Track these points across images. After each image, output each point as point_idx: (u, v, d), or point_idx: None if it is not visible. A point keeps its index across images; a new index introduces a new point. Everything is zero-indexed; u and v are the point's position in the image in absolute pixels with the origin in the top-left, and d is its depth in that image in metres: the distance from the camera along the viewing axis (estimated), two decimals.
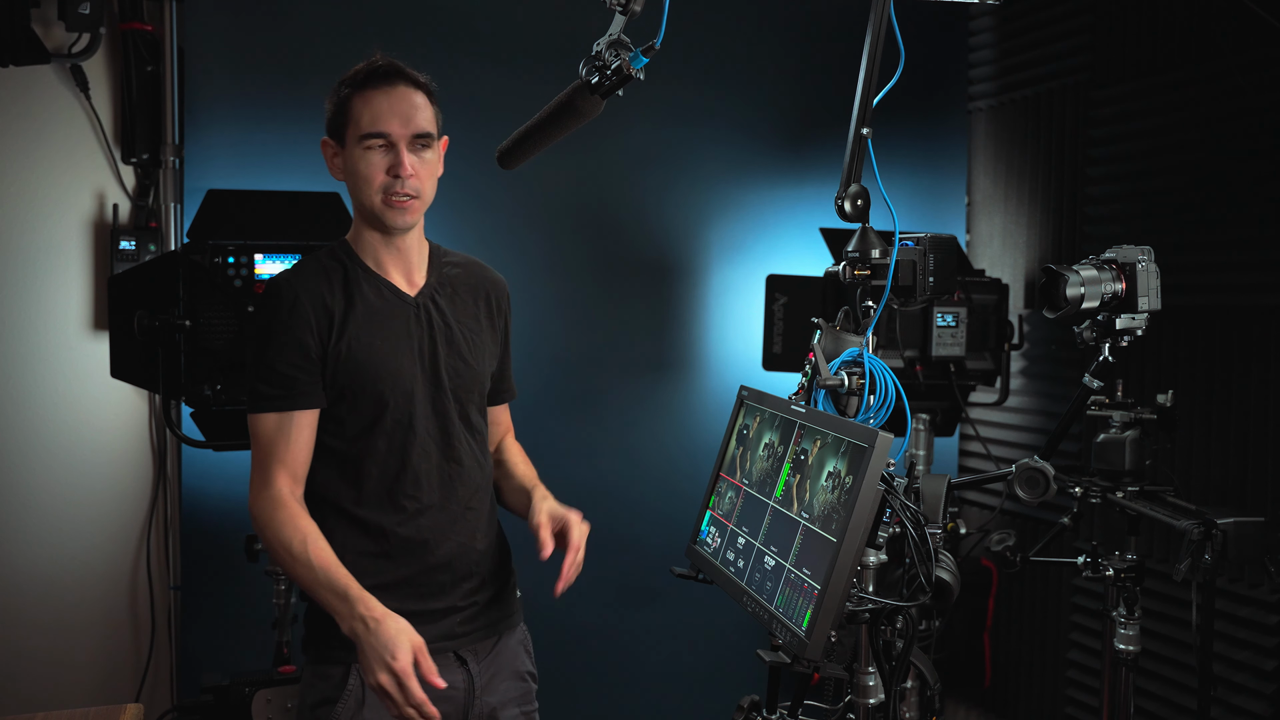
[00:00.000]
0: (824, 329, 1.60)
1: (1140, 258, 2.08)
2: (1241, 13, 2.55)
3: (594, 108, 1.49)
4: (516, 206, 3.17)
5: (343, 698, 1.63)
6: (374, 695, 1.60)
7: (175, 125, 2.93)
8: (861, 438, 1.32)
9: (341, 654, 1.63)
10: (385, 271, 1.70)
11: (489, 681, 1.74)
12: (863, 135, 1.58)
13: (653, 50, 1.41)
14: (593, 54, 1.43)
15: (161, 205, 2.96)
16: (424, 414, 1.68)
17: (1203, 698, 2.06)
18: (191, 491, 2.94)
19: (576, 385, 3.27)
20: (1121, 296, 2.08)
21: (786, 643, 1.33)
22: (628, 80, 1.43)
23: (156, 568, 3.00)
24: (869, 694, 1.48)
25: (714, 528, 1.66)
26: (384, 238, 1.69)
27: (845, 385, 1.53)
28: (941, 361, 2.96)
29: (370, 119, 1.62)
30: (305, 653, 1.70)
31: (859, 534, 1.28)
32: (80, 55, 2.85)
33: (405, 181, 1.63)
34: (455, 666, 1.71)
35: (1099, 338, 2.15)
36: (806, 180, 3.50)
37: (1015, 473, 2.17)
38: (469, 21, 3.11)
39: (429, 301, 1.72)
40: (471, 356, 1.74)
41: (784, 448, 1.51)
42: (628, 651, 3.33)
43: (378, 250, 1.70)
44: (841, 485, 1.33)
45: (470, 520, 1.73)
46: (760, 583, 1.45)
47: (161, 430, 2.98)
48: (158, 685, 3.01)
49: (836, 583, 1.27)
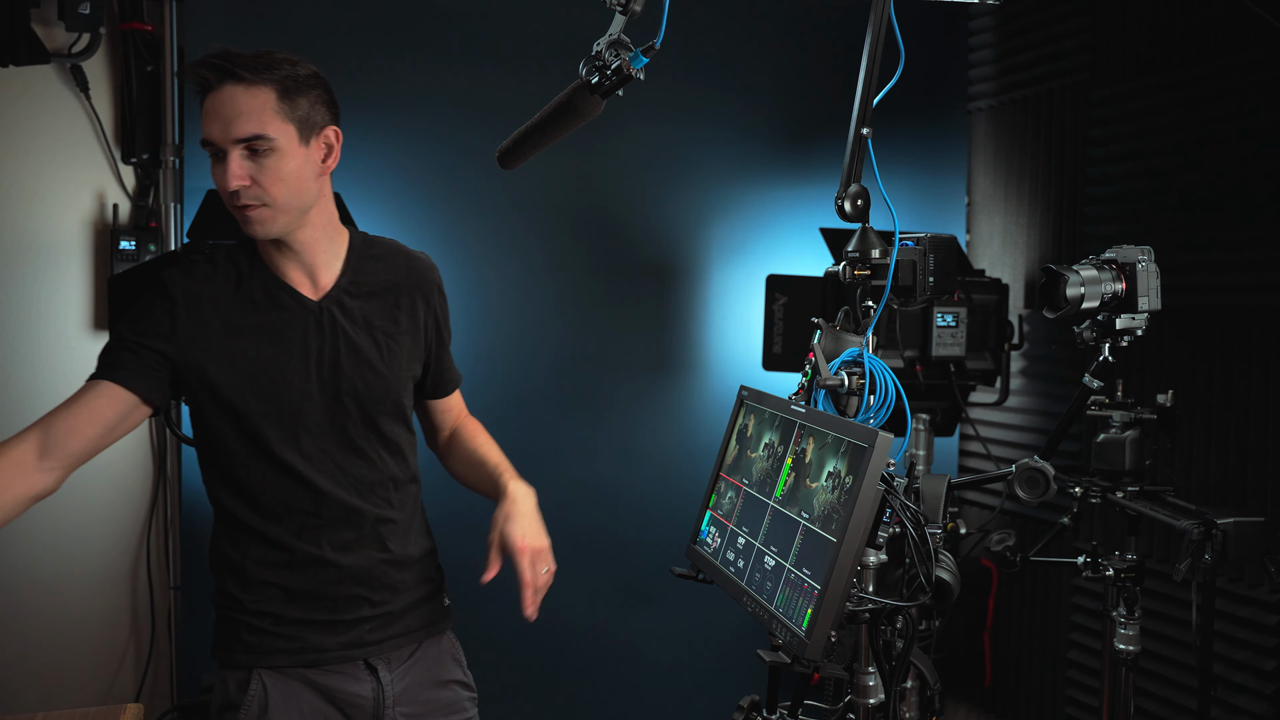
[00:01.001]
0: (824, 329, 1.60)
1: (1140, 258, 2.08)
2: (1241, 13, 2.55)
3: (594, 108, 1.48)
4: (516, 206, 3.17)
5: (245, 704, 1.59)
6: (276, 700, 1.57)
7: (175, 125, 2.93)
8: (861, 438, 1.32)
9: (244, 659, 1.59)
10: (284, 274, 1.59)
11: (404, 690, 1.67)
12: (863, 135, 1.58)
13: (653, 50, 1.41)
14: (593, 54, 1.43)
15: (161, 205, 2.96)
16: (318, 428, 1.58)
17: (1203, 698, 2.06)
18: (191, 491, 2.94)
19: (576, 385, 3.27)
20: (1121, 296, 2.09)
21: (787, 643, 1.33)
22: (628, 80, 1.43)
23: (156, 568, 3.00)
24: (869, 694, 1.49)
25: (714, 528, 1.66)
26: (274, 243, 1.58)
27: (845, 385, 1.53)
28: (941, 361, 2.96)
29: (203, 128, 1.49)
30: (213, 658, 1.65)
31: (859, 534, 1.28)
32: (80, 55, 2.85)
33: (239, 192, 1.49)
34: (364, 675, 1.64)
35: (1099, 338, 2.15)
36: (806, 180, 3.50)
37: (1015, 473, 2.17)
38: (468, 22, 3.11)
39: (334, 306, 1.60)
40: (384, 364, 1.63)
41: (784, 448, 1.51)
42: (627, 651, 3.33)
43: (271, 253, 1.59)
44: (841, 485, 1.33)
45: (383, 532, 1.65)
46: (760, 583, 1.45)
47: (161, 430, 2.98)
48: (158, 685, 3.01)
49: (836, 583, 1.28)
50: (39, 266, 2.89)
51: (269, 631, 1.60)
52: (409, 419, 1.72)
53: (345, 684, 1.63)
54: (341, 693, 1.63)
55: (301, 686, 1.62)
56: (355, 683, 1.63)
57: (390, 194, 2.92)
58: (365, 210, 2.72)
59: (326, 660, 1.61)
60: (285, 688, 1.61)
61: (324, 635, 1.61)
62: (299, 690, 1.61)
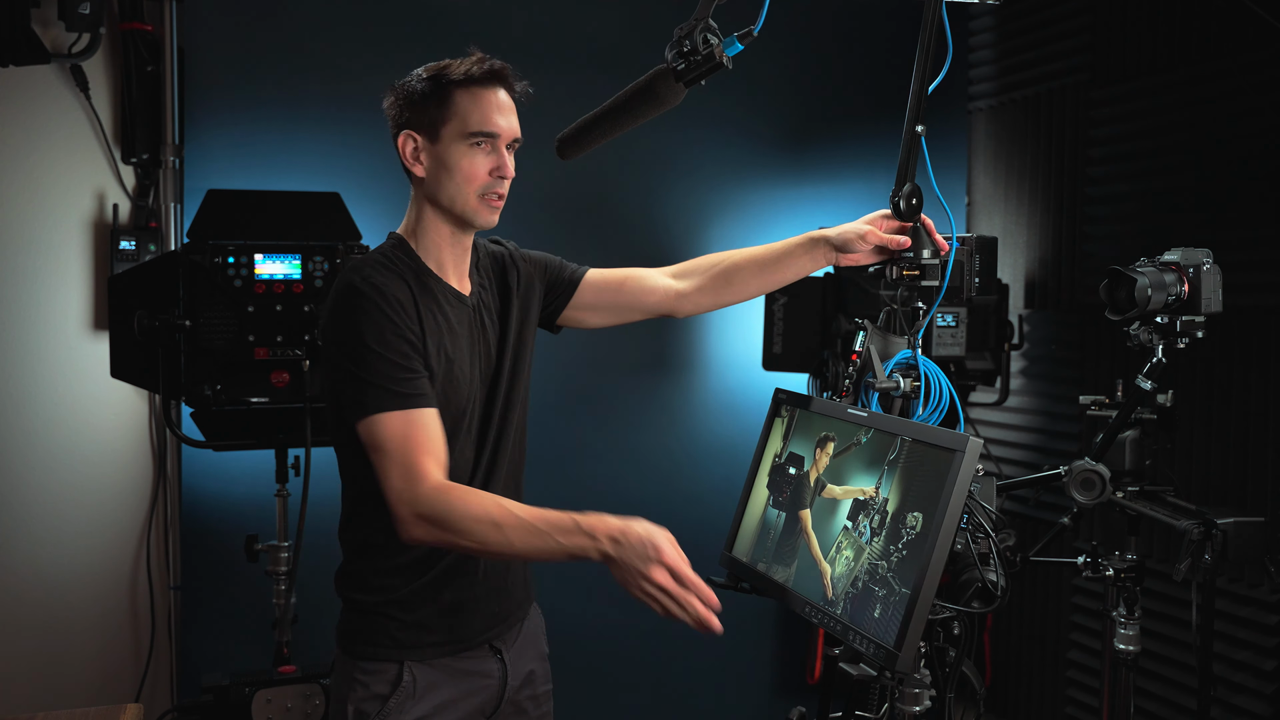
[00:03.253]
0: (870, 330, 1.56)
1: (1204, 260, 2.05)
2: (1241, 13, 2.55)
3: (675, 96, 1.41)
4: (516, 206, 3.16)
5: (396, 694, 1.61)
6: (423, 689, 1.61)
7: (175, 125, 2.93)
8: (948, 442, 1.28)
9: (394, 651, 1.62)
10: (445, 273, 1.66)
11: (519, 666, 1.75)
12: (917, 133, 1.53)
13: (750, 37, 1.35)
14: (677, 38, 1.35)
15: (161, 205, 2.96)
16: (477, 416, 1.66)
17: (1203, 698, 2.06)
18: (191, 491, 2.94)
19: (576, 385, 3.27)
20: (1184, 299, 2.07)
21: (872, 654, 1.28)
22: (717, 69, 1.35)
23: (156, 568, 3.00)
24: (917, 700, 1.45)
25: (757, 536, 1.60)
26: (454, 235, 1.66)
27: (900, 388, 1.50)
28: (941, 361, 2.96)
29: (480, 118, 1.59)
30: (347, 650, 1.65)
31: (949, 540, 1.24)
32: (80, 55, 2.85)
33: (505, 183, 1.63)
34: (489, 656, 1.71)
35: (1157, 339, 2.11)
36: (806, 180, 3.50)
37: (1071, 474, 2.14)
38: (469, 22, 3.11)
39: (479, 303, 1.70)
40: (512, 352, 1.72)
41: (842, 452, 1.46)
42: (627, 651, 3.33)
43: (441, 250, 1.66)
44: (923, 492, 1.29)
45: None
46: (823, 593, 1.40)
47: (161, 430, 2.98)
48: (158, 685, 3.01)
49: (927, 592, 1.24)
50: (39, 266, 2.89)
51: (422, 625, 1.63)
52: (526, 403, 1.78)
53: (477, 665, 1.68)
54: (475, 674, 1.68)
55: (442, 675, 1.65)
56: (485, 663, 1.69)
57: (390, 194, 2.92)
58: (365, 210, 2.72)
59: (470, 648, 1.65)
60: (430, 677, 1.64)
61: (468, 622, 1.65)
62: (440, 678, 1.65)
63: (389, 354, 1.51)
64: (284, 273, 2.48)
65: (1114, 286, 2.06)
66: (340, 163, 2.96)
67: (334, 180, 2.79)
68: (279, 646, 2.59)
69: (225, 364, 2.43)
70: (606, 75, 1.95)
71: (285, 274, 2.48)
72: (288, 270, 2.49)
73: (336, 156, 2.96)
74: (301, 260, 2.49)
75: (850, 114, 3.52)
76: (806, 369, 3.20)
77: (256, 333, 2.45)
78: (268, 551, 2.58)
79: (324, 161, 2.96)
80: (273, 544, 2.59)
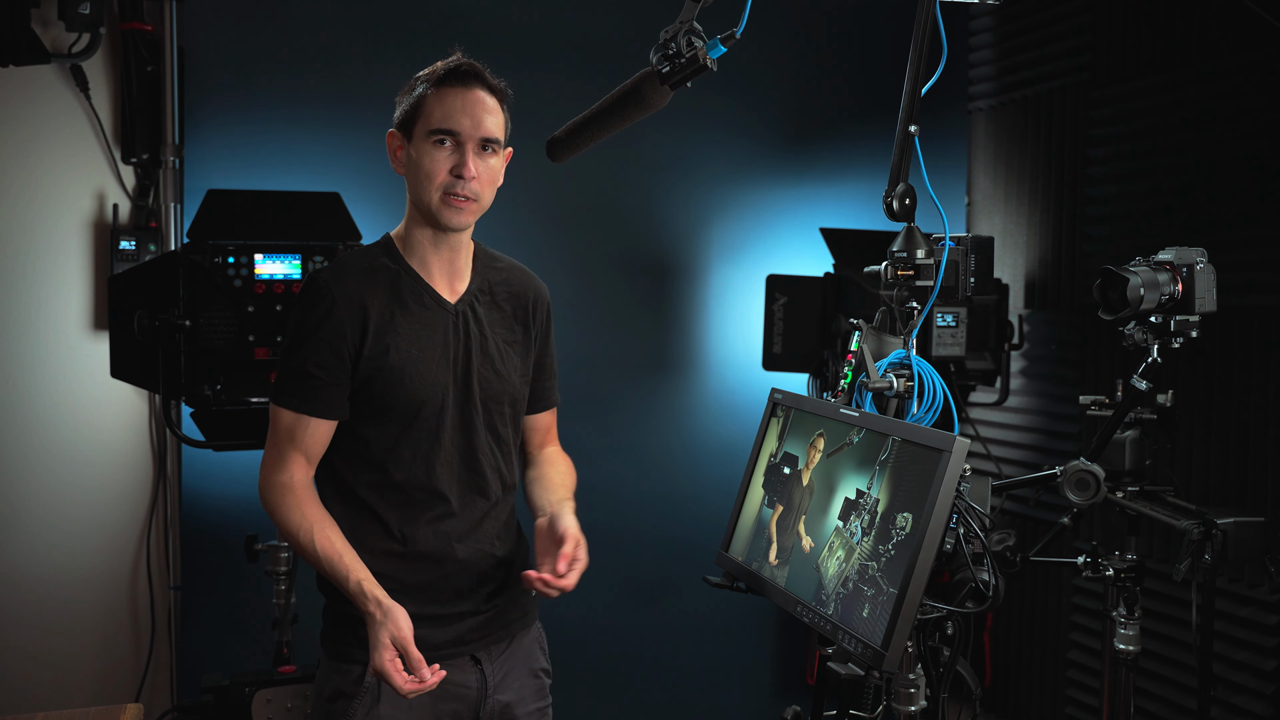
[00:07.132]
0: (865, 330, 1.56)
1: (1198, 260, 2.04)
2: (1241, 13, 2.55)
3: (661, 99, 1.42)
4: (515, 206, 3.17)
5: (360, 694, 1.66)
6: (389, 692, 1.63)
7: (175, 125, 2.93)
8: (935, 442, 1.28)
9: (360, 654, 1.64)
10: (429, 275, 1.69)
11: (502, 679, 1.76)
12: (910, 133, 1.54)
13: (733, 39, 1.36)
14: (662, 41, 1.36)
15: (161, 205, 2.96)
16: (451, 425, 1.68)
17: (1203, 698, 2.06)
18: (191, 491, 2.94)
19: (576, 385, 3.26)
20: (1178, 298, 2.06)
21: (860, 654, 1.28)
22: (701, 71, 1.36)
23: (156, 568, 3.00)
24: (912, 701, 1.45)
25: (752, 535, 1.61)
26: (434, 237, 1.68)
27: (893, 388, 1.50)
28: (941, 361, 2.96)
29: (441, 115, 1.62)
30: (323, 647, 1.72)
31: (936, 540, 1.24)
32: (80, 55, 2.85)
33: (467, 183, 1.62)
34: (469, 666, 1.73)
35: (1150, 339, 2.10)
36: (806, 180, 3.50)
37: (1065, 475, 2.14)
38: (469, 22, 3.11)
39: (468, 309, 1.71)
40: (503, 368, 1.74)
41: (834, 452, 1.46)
42: (628, 651, 3.33)
43: (425, 251, 1.69)
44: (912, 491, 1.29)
45: (489, 528, 1.75)
46: (816, 592, 1.40)
47: (161, 430, 2.98)
48: (158, 685, 3.01)
49: (914, 592, 1.24)
50: (39, 266, 2.89)
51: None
52: (519, 425, 1.82)
53: (452, 674, 1.69)
54: (448, 683, 1.69)
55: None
56: (461, 673, 1.71)
57: (390, 194, 2.92)
58: (365, 210, 2.72)
59: (436, 657, 1.65)
60: None
61: (434, 630, 1.67)
62: None
63: (311, 357, 1.62)
64: (284, 273, 2.48)
65: (1107, 286, 2.06)
66: (340, 163, 2.96)
67: (334, 180, 2.79)
68: (279, 646, 2.59)
69: (225, 364, 2.43)
70: (614, 76, 1.95)
71: (285, 274, 2.48)
72: (288, 270, 2.49)
73: (336, 156, 2.97)
74: (301, 260, 2.49)
75: (849, 114, 3.52)
76: (806, 369, 3.20)
77: (256, 333, 2.45)
78: (268, 551, 2.58)
79: (324, 161, 2.96)
80: (272, 544, 2.59)
